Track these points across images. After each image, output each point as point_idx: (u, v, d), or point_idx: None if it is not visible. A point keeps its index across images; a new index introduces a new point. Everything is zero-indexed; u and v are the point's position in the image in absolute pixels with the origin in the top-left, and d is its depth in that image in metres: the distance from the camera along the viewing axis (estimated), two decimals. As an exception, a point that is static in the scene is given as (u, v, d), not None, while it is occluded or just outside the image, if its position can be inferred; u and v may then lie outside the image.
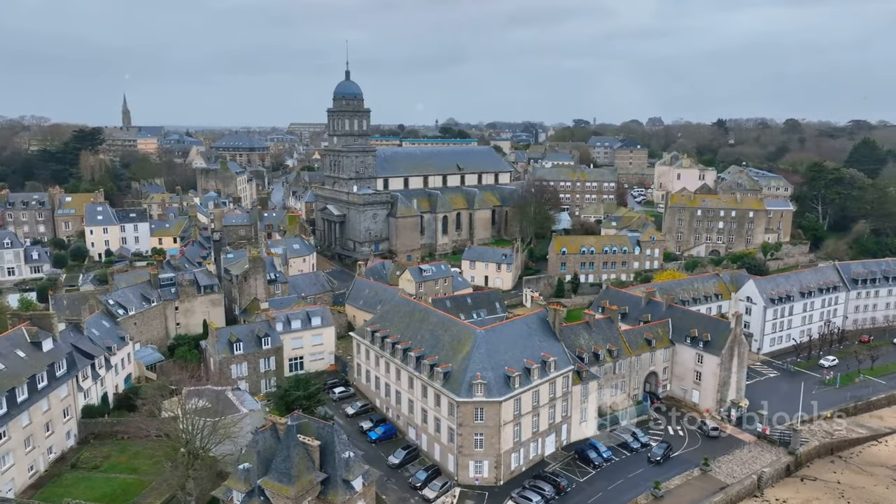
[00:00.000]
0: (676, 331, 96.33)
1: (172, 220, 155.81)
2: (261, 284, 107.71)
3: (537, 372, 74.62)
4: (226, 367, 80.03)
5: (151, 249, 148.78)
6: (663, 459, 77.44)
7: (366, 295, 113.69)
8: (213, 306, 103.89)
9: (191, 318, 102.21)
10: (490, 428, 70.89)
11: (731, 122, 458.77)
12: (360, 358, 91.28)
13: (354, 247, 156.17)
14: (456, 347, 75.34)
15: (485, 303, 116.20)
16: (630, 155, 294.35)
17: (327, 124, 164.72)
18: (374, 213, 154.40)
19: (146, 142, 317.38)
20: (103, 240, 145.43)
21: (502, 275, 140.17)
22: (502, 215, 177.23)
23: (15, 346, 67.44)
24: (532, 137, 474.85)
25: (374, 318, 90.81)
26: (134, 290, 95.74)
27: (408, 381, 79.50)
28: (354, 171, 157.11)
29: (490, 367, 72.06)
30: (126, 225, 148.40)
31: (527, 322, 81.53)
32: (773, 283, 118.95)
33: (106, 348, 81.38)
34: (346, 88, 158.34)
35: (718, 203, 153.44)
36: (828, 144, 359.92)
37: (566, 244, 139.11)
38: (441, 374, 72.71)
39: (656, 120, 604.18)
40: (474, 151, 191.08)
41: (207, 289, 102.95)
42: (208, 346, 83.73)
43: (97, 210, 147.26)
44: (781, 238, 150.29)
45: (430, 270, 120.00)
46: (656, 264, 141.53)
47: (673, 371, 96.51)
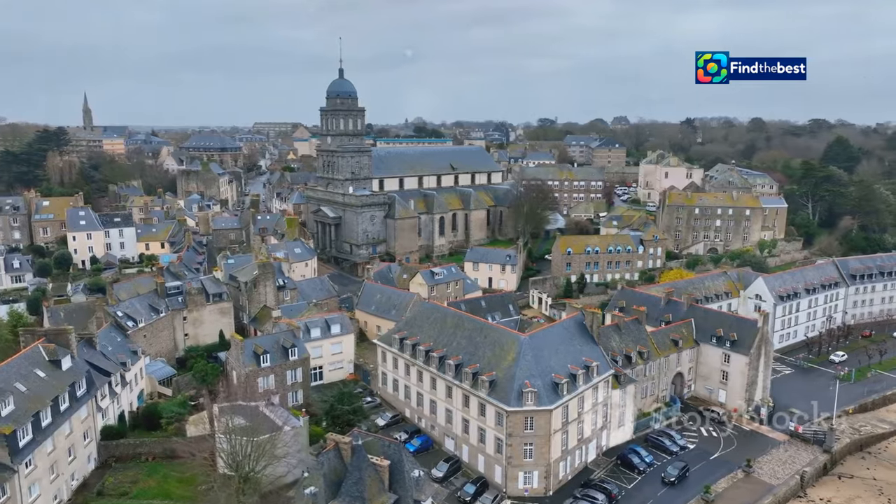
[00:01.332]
0: (700, 330, 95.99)
1: (159, 225, 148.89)
2: (271, 291, 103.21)
3: (582, 378, 72.87)
4: (252, 380, 75.76)
5: (139, 255, 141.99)
6: (678, 480, 71.68)
7: (377, 300, 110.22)
8: (222, 315, 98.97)
9: (199, 329, 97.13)
10: (540, 437, 68.75)
11: (696, 120, 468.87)
12: (385, 366, 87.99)
13: (351, 249, 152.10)
14: (499, 355, 72.92)
15: (498, 305, 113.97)
16: (609, 154, 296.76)
17: (320, 124, 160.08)
18: (372, 215, 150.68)
19: (112, 142, 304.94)
20: (87, 246, 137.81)
21: (507, 276, 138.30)
22: (497, 215, 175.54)
23: (34, 366, 62.15)
24: (504, 136, 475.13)
25: (401, 325, 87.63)
26: (141, 301, 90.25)
27: (445, 390, 76.75)
28: (350, 172, 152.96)
29: (537, 374, 69.93)
30: (111, 230, 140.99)
31: (565, 326, 79.71)
32: (780, 280, 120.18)
33: (120, 364, 76.21)
34: (339, 87, 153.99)
35: (715, 201, 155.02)
36: (793, 142, 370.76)
37: (571, 244, 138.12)
38: (486, 383, 70.18)
39: (622, 119, 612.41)
40: (467, 151, 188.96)
41: (216, 297, 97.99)
42: (230, 358, 79.24)
43: (79, 215, 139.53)
44: (776, 235, 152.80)
45: (441, 273, 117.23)
46: (658, 263, 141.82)
47: (697, 371, 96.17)
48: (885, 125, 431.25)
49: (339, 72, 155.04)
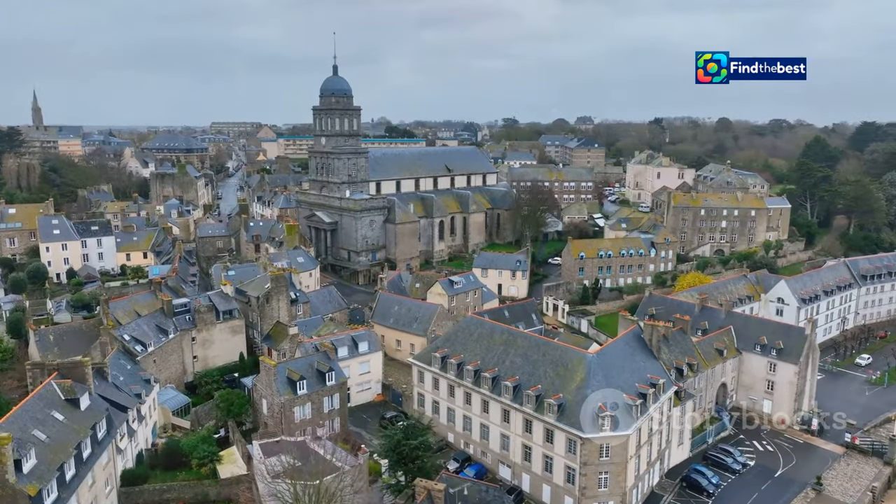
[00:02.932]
0: (740, 338, 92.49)
1: (140, 233, 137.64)
2: (284, 306, 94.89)
3: (651, 397, 67.78)
4: (288, 410, 67.91)
5: (120, 267, 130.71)
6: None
7: (396, 312, 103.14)
8: (233, 334, 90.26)
9: (209, 350, 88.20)
10: (616, 465, 63.27)
11: (664, 120, 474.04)
12: (422, 387, 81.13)
13: (349, 256, 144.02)
14: (563, 375, 67.14)
15: (521, 315, 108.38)
16: (588, 154, 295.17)
17: (313, 123, 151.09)
18: (371, 220, 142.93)
19: (69, 143, 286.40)
20: (62, 258, 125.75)
21: (517, 282, 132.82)
22: (494, 218, 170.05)
23: (50, 407, 53.07)
24: (473, 136, 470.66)
25: (439, 342, 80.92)
26: (148, 322, 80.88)
27: (500, 414, 70.57)
28: (347, 175, 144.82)
29: (610, 395, 64.32)
30: (88, 239, 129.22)
31: (626, 341, 74.51)
32: (800, 282, 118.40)
33: (135, 396, 67.26)
34: (334, 84, 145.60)
35: (720, 202, 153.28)
36: (759, 142, 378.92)
37: (583, 248, 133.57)
38: (555, 407, 64.29)
39: (586, 119, 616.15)
40: (461, 152, 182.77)
41: (227, 314, 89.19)
42: (259, 385, 71.06)
43: (52, 223, 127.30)
44: (780, 236, 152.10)
45: (460, 282, 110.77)
46: (670, 266, 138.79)
47: (740, 381, 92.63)
48: (843, 125, 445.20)
49: (333, 69, 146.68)
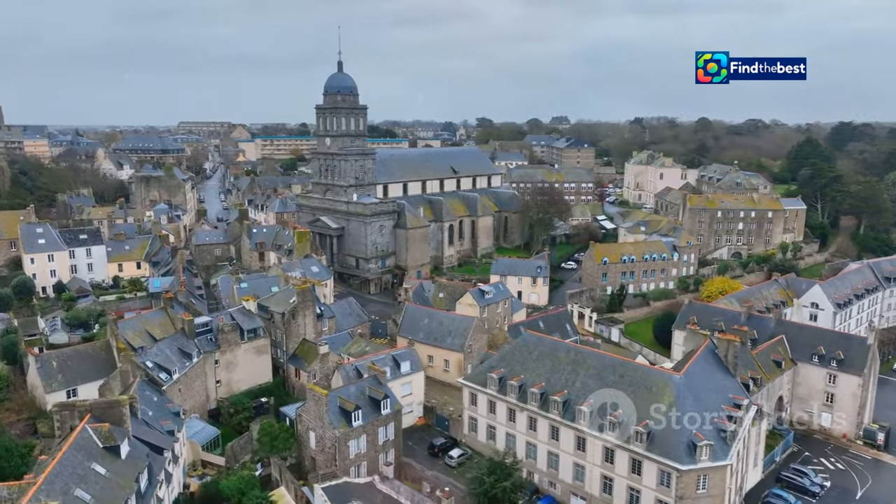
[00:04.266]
0: (793, 348, 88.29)
1: (133, 241, 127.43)
2: (311, 322, 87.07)
3: (740, 420, 62.49)
4: (343, 444, 60.52)
5: (112, 278, 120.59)
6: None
7: (426, 325, 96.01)
8: (258, 355, 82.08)
9: (233, 373, 79.86)
10: (714, 497, 57.78)
11: (644, 120, 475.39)
12: (475, 411, 74.50)
13: (358, 264, 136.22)
14: (647, 398, 61.30)
15: (556, 326, 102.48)
16: (578, 154, 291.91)
17: (316, 123, 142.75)
18: (381, 225, 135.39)
19: (35, 143, 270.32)
20: (48, 270, 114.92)
21: (538, 289, 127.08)
22: (501, 221, 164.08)
23: (90, 458, 44.96)
24: (452, 136, 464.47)
25: (494, 361, 74.36)
26: (169, 345, 72.28)
27: (574, 441, 64.46)
28: (354, 178, 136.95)
29: (704, 421, 58.96)
30: (76, 249, 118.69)
31: (705, 358, 69.08)
32: (832, 286, 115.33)
33: (167, 433, 59.01)
34: (340, 82, 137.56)
35: (737, 204, 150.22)
36: (740, 142, 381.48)
37: (606, 253, 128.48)
38: (643, 435, 58.47)
39: (562, 119, 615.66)
40: (464, 153, 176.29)
41: (251, 333, 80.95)
42: (305, 416, 63.39)
43: (36, 232, 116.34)
44: (796, 237, 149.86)
45: (490, 292, 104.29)
46: (692, 270, 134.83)
47: (794, 393, 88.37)
48: (816, 125, 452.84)
49: (337, 65, 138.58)
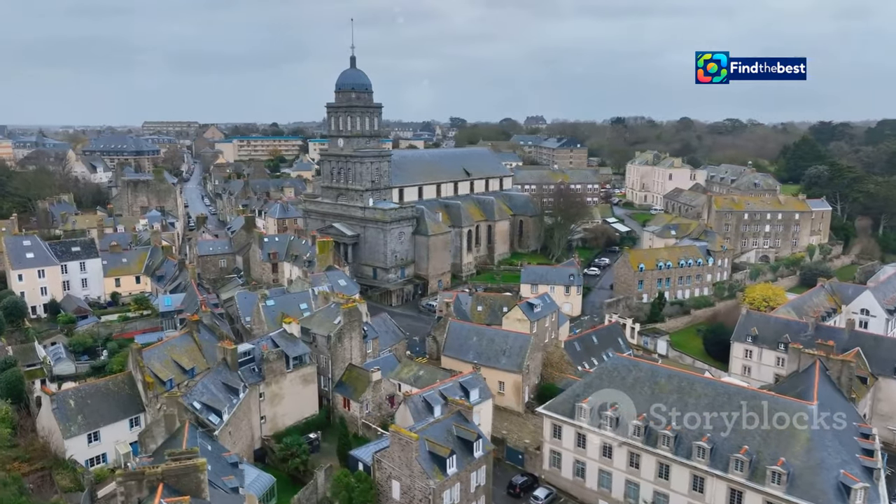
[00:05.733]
0: (873, 362, 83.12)
1: (130, 253, 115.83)
2: (357, 345, 78.01)
3: (878, 453, 56.22)
4: (437, 497, 51.93)
5: (110, 295, 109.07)
6: None
7: (476, 344, 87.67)
8: (304, 384, 72.62)
9: (278, 407, 70.26)
10: (866, 546, 51.11)
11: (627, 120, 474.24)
12: (558, 444, 66.65)
13: (376, 273, 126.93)
14: (778, 433, 54.36)
15: (608, 340, 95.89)
16: (570, 154, 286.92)
17: (328, 122, 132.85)
18: (401, 232, 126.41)
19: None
20: (39, 287, 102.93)
21: (572, 298, 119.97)
22: (516, 226, 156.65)
23: (176, 550, 35.47)
24: (432, 136, 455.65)
25: (580, 388, 66.61)
26: (214, 381, 62.33)
27: (689, 481, 57.18)
28: (370, 181, 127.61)
29: (849, 459, 52.40)
30: (68, 263, 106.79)
31: (822, 383, 62.52)
32: (881, 291, 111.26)
33: (231, 490, 49.64)
34: (353, 78, 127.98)
35: (763, 206, 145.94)
36: (722, 141, 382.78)
37: (642, 259, 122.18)
38: (781, 476, 51.51)
39: (538, 118, 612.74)
40: (475, 154, 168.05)
41: (296, 361, 71.48)
42: (387, 463, 54.52)
43: (24, 245, 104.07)
44: (822, 239, 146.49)
45: (539, 305, 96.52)
46: (725, 275, 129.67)
47: (875, 410, 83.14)
48: (790, 124, 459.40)
49: (350, 60, 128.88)
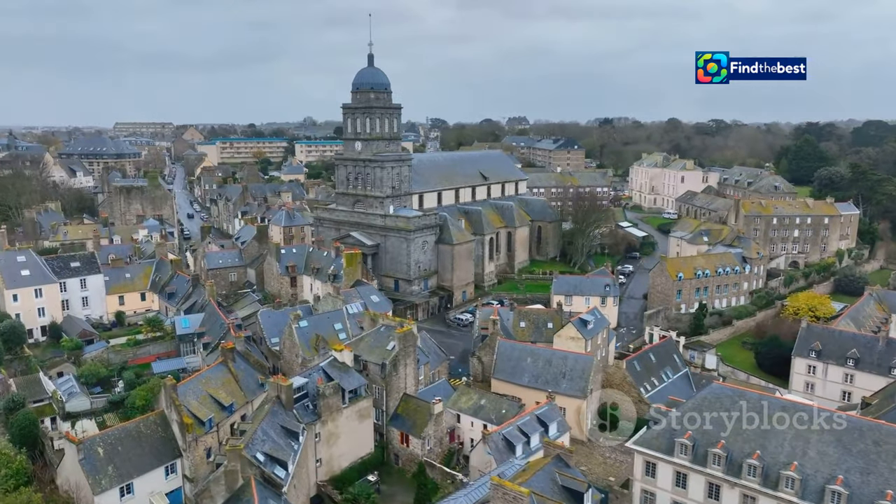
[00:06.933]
0: (955, 378, 78.43)
1: (134, 268, 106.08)
2: (412, 373, 70.40)
3: None
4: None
5: (114, 315, 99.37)
6: None
7: (530, 366, 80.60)
8: (360, 420, 64.66)
9: (334, 448, 62.18)
10: None
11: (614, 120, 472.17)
12: (652, 483, 59.81)
13: (397, 286, 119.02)
14: (923, 473, 48.45)
15: (665, 357, 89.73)
16: (568, 156, 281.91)
17: (343, 124, 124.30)
18: (424, 241, 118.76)
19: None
20: (36, 308, 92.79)
21: (608, 310, 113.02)
22: (535, 232, 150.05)
23: None
24: (417, 137, 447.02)
25: (672, 420, 59.95)
26: (272, 424, 53.97)
27: (819, 528, 50.90)
28: (391, 187, 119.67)
29: None
30: (67, 281, 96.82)
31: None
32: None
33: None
34: (372, 77, 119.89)
35: (792, 209, 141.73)
36: (711, 142, 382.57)
37: (680, 267, 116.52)
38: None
39: (521, 119, 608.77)
40: (490, 157, 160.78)
41: (352, 394, 63.50)
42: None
43: (18, 261, 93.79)
44: (850, 244, 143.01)
45: (591, 321, 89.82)
46: (760, 283, 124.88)
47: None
48: (774, 125, 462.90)
49: (368, 58, 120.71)
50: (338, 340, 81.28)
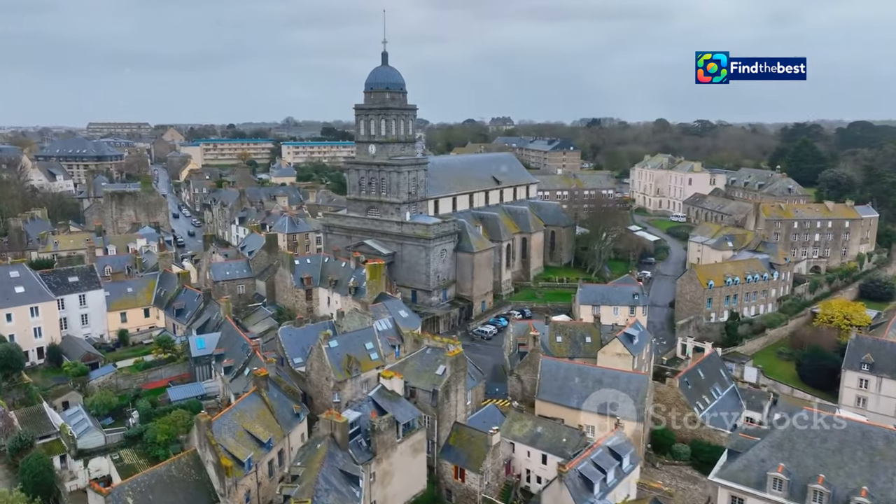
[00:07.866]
0: None
1: (136, 283, 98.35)
2: (462, 399, 64.60)
3: None
4: None
5: (117, 334, 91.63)
6: None
7: (578, 386, 75.15)
8: (413, 455, 58.62)
9: (388, 488, 56.05)
10: None
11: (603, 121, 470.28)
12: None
13: (415, 296, 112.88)
14: None
15: (714, 375, 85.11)
16: (564, 157, 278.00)
17: (356, 125, 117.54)
18: (443, 249, 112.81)
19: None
20: (32, 328, 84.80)
21: (637, 320, 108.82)
22: (548, 238, 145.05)
23: None
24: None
25: (764, 450, 54.99)
26: (330, 469, 47.55)
27: (941, 573, 46.30)
28: (407, 193, 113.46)
29: None
30: (65, 297, 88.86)
31: None
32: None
33: None
34: (386, 77, 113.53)
35: (812, 213, 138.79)
36: (700, 142, 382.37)
37: (710, 275, 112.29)
38: None
39: (505, 119, 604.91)
40: (501, 160, 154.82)
41: (406, 427, 57.39)
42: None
43: (12, 277, 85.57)
44: (870, 248, 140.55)
45: (636, 335, 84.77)
46: (787, 290, 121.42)
47: None
48: (761, 125, 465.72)
49: (381, 57, 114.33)
50: (370, 361, 75.32)
